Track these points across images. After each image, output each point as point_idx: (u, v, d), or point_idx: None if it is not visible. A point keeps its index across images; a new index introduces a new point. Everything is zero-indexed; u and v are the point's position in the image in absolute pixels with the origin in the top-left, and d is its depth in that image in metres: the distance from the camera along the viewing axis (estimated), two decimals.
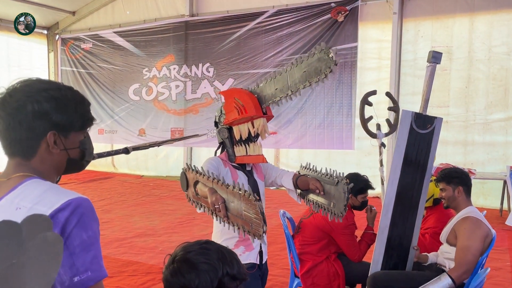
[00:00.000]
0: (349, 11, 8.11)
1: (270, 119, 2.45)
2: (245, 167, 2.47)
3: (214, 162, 2.36)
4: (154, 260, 4.46)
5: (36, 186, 1.06)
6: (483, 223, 2.56)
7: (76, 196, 1.03)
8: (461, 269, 2.43)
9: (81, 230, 1.01)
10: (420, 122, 2.62)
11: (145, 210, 6.77)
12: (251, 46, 9.07)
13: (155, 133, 10.06)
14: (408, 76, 7.84)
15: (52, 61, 11.60)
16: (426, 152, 2.59)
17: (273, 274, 4.14)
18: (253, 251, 2.38)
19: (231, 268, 1.18)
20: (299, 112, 8.72)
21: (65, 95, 1.14)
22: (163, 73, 10.02)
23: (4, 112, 1.08)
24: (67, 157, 1.16)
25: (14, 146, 1.10)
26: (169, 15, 9.93)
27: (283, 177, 2.44)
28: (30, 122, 1.08)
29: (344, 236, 2.93)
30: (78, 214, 1.01)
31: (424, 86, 2.74)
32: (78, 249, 1.00)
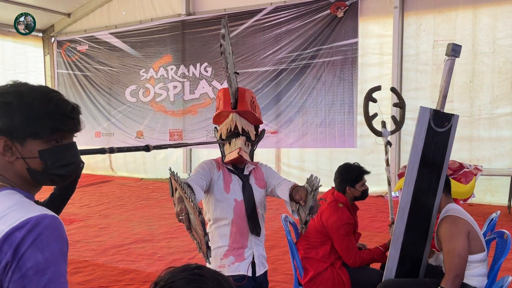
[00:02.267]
0: (348, 7, 7.94)
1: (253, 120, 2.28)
2: (242, 171, 2.31)
3: (206, 165, 2.23)
4: (152, 268, 4.29)
5: (5, 199, 0.98)
6: (460, 218, 2.40)
7: (38, 213, 0.93)
8: (451, 275, 2.28)
9: (36, 251, 0.90)
10: (438, 120, 2.44)
11: (144, 214, 6.60)
12: (250, 44, 8.89)
13: (153, 135, 9.89)
14: (410, 71, 7.67)
15: (48, 64, 11.45)
16: (442, 152, 2.42)
17: (276, 280, 3.98)
18: (243, 261, 2.22)
19: None
20: (299, 111, 8.56)
21: (25, 100, 1.04)
22: (160, 73, 9.85)
23: None
24: (26, 166, 1.05)
25: None
26: (165, 15, 9.77)
27: (281, 187, 2.25)
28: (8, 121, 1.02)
29: (339, 237, 2.75)
30: (35, 233, 0.91)
31: (442, 81, 2.56)
32: (31, 272, 0.90)
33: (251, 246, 2.24)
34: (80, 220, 6.27)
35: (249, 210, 2.22)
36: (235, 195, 2.21)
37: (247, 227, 2.22)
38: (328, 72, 8.25)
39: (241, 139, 2.20)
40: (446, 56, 2.49)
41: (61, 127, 1.09)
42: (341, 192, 2.91)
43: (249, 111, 2.23)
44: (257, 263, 2.27)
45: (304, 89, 8.49)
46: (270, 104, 8.72)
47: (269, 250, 4.87)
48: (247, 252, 2.23)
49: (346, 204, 2.88)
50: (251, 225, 2.23)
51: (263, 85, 8.77)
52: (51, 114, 1.07)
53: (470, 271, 2.33)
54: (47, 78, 11.51)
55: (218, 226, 2.23)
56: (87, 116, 10.59)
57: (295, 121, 8.62)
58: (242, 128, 2.21)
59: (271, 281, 3.98)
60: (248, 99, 2.25)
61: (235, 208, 2.19)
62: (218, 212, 2.21)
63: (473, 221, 2.42)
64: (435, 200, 2.45)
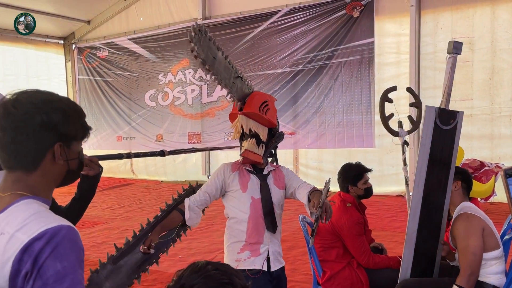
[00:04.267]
0: (364, 6, 7.92)
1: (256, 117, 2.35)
2: (262, 171, 2.41)
3: (218, 170, 2.40)
4: (174, 269, 4.38)
5: (24, 209, 1.02)
6: (475, 216, 2.40)
7: (56, 225, 0.99)
8: (466, 273, 2.29)
9: (55, 261, 0.96)
10: (443, 117, 2.46)
11: None
12: (266, 46, 8.96)
13: (173, 138, 10.05)
14: (428, 70, 7.60)
15: (70, 71, 11.73)
16: (450, 149, 2.43)
17: (296, 280, 4.03)
18: (259, 256, 2.32)
19: None
20: (317, 112, 8.57)
21: (68, 106, 1.12)
22: (178, 77, 10.00)
23: (9, 124, 1.04)
24: (67, 168, 1.14)
25: (18, 158, 1.06)
26: (182, 19, 9.91)
27: (300, 190, 2.34)
28: (38, 133, 1.06)
29: (351, 237, 2.79)
30: (53, 244, 0.97)
31: (445, 79, 2.58)
32: (51, 280, 0.96)
33: (266, 243, 2.33)
34: (103, 223, 6.42)
35: (266, 209, 2.32)
36: (253, 193, 2.32)
37: (263, 224, 2.31)
38: (345, 72, 8.25)
39: (250, 141, 2.30)
40: (448, 54, 2.51)
41: (89, 128, 1.19)
42: (345, 191, 2.96)
43: (256, 113, 2.30)
44: (272, 259, 2.35)
45: (321, 89, 8.50)
46: (287, 105, 8.76)
47: (288, 251, 4.91)
48: (262, 248, 2.32)
49: (354, 204, 2.92)
50: (267, 222, 2.32)
51: (280, 87, 8.81)
52: (84, 117, 1.17)
53: (488, 269, 2.34)
54: (69, 84, 11.81)
55: (235, 222, 2.34)
56: (108, 120, 10.84)
57: (312, 122, 8.63)
58: (250, 129, 2.30)
59: (291, 281, 4.03)
60: (257, 102, 2.33)
61: (252, 206, 2.30)
62: (235, 209, 2.33)
63: (487, 218, 2.43)
64: (445, 197, 2.46)
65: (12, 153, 1.05)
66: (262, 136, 2.34)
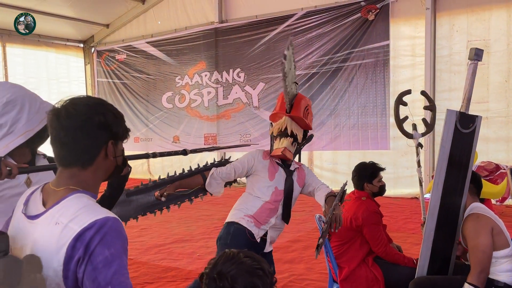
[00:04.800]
0: (379, 9, 7.98)
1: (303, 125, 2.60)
2: (289, 166, 2.63)
3: (251, 154, 2.63)
4: (193, 266, 4.52)
5: (75, 202, 1.13)
6: (483, 216, 2.47)
7: (103, 216, 1.11)
8: (476, 270, 2.36)
9: (104, 248, 1.07)
10: (463, 121, 2.54)
11: (182, 216, 6.87)
12: (281, 49, 9.04)
13: (189, 140, 10.21)
14: (443, 73, 7.62)
15: (89, 73, 12.00)
16: (468, 152, 2.51)
17: (311, 279, 4.11)
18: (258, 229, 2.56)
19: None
20: (332, 114, 8.64)
21: (115, 109, 1.26)
22: (195, 80, 10.17)
23: (71, 124, 1.15)
24: (115, 164, 1.26)
25: (77, 155, 1.17)
26: (199, 23, 10.08)
27: (319, 192, 2.57)
28: (96, 132, 1.18)
29: (369, 226, 2.88)
30: (102, 233, 1.08)
31: (466, 84, 2.66)
32: (101, 265, 1.06)
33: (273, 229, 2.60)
34: (122, 221, 6.59)
35: (286, 200, 2.57)
36: (277, 184, 2.55)
37: (276, 212, 2.56)
38: (360, 75, 8.30)
39: (288, 139, 2.52)
40: (469, 60, 2.59)
41: (128, 129, 1.33)
42: (360, 189, 3.06)
43: (301, 117, 2.54)
44: (268, 242, 2.63)
45: (336, 92, 8.57)
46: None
47: (304, 250, 5.01)
48: (262, 229, 2.57)
49: (368, 197, 3.02)
50: (284, 212, 2.59)
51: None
52: (124, 119, 1.31)
53: (498, 267, 2.41)
54: (88, 86, 12.07)
55: (254, 198, 2.58)
56: (126, 122, 10.94)
57: (327, 124, 8.70)
58: (292, 130, 2.52)
59: (306, 279, 4.13)
60: (303, 106, 2.56)
61: (273, 194, 2.54)
62: (259, 190, 2.58)
63: (496, 218, 2.50)
64: (462, 198, 2.54)
65: (72, 151, 1.17)
66: (299, 138, 2.59)
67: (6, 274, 0.95)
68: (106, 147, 1.20)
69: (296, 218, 5.88)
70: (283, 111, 2.54)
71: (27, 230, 1.14)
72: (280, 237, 5.56)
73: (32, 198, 1.20)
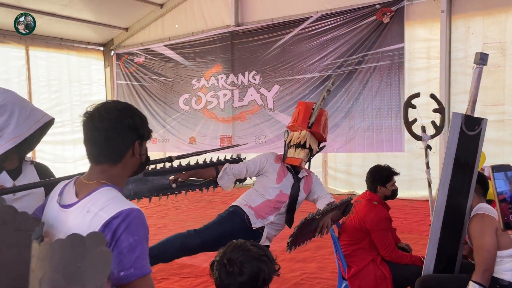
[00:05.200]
0: (395, 12, 8.01)
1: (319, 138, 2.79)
2: (297, 173, 2.77)
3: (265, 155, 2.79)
4: (207, 263, 4.63)
5: (105, 194, 1.28)
6: (488, 216, 2.53)
7: (128, 207, 1.25)
8: (480, 269, 2.43)
9: (128, 235, 1.21)
10: (469, 124, 2.61)
11: (198, 215, 7.02)
12: (296, 52, 9.16)
13: (205, 141, 10.38)
14: (459, 75, 7.61)
15: (109, 76, 12.29)
16: (473, 153, 2.58)
17: (322, 277, 4.21)
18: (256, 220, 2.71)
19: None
20: (346, 116, 8.69)
21: (140, 112, 1.41)
22: (211, 82, 10.35)
23: (104, 125, 1.30)
24: (140, 161, 1.41)
25: (108, 153, 1.32)
26: (215, 26, 10.26)
27: (321, 200, 2.75)
28: (125, 133, 1.33)
29: (378, 231, 2.97)
30: (127, 222, 1.22)
31: (471, 88, 2.73)
32: (126, 250, 1.20)
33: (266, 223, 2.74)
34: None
35: (290, 206, 2.71)
36: (283, 187, 2.69)
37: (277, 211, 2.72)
38: (374, 77, 8.34)
39: (305, 151, 2.70)
40: (475, 64, 2.66)
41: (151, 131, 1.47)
42: (373, 191, 3.14)
43: (319, 133, 2.74)
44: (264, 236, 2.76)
45: (351, 94, 8.62)
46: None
47: (316, 250, 5.10)
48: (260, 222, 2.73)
49: (380, 202, 3.09)
50: (288, 217, 2.74)
51: (310, 91, 8.99)
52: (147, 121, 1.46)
53: (503, 266, 2.47)
54: (108, 88, 12.37)
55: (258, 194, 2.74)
56: None
57: (341, 126, 8.75)
58: (310, 144, 2.70)
59: (317, 277, 4.22)
60: (323, 121, 2.75)
61: (277, 196, 2.70)
62: (264, 189, 2.73)
63: None
64: (467, 199, 2.60)
65: (104, 149, 1.32)
66: (314, 150, 2.78)
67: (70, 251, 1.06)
68: (133, 146, 1.35)
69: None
70: (305, 126, 2.70)
71: (61, 217, 1.28)
72: None
73: (66, 190, 1.35)
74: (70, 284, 1.03)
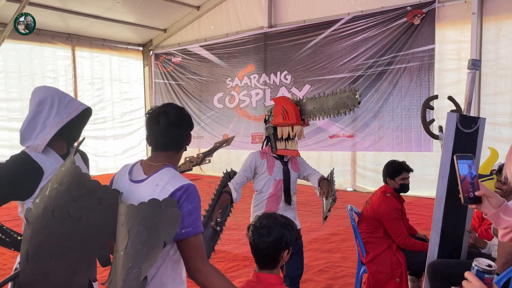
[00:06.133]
0: (425, 14, 8.12)
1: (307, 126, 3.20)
2: (283, 158, 3.20)
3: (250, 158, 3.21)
4: (239, 250, 5.04)
5: (168, 173, 1.67)
6: None
7: (187, 182, 1.64)
8: (501, 261, 2.59)
9: (188, 203, 1.59)
10: (465, 122, 2.86)
11: None
12: (327, 53, 9.40)
13: (237, 138, 10.76)
14: (489, 77, 7.66)
15: (147, 75, 12.91)
16: (471, 149, 2.82)
17: (345, 266, 4.51)
18: None
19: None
20: (376, 116, 8.85)
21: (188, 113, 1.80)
22: (244, 82, 10.75)
23: (170, 123, 1.70)
24: (184, 150, 1.81)
25: (174, 143, 1.73)
26: (249, 28, 10.63)
27: (312, 177, 3.19)
28: (186, 129, 1.75)
29: (389, 221, 3.24)
30: (187, 193, 1.60)
31: (466, 90, 2.99)
32: (186, 214, 1.58)
33: (281, 212, 3.07)
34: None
35: (285, 186, 3.13)
36: (276, 175, 3.13)
37: (280, 198, 3.13)
38: (404, 78, 8.48)
39: (295, 142, 3.13)
40: (468, 70, 2.91)
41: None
42: (385, 183, 3.43)
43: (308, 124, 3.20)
44: None
45: (380, 94, 8.78)
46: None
47: (342, 242, 5.39)
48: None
49: (393, 194, 3.36)
50: (286, 196, 3.14)
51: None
52: None
53: None
54: (146, 87, 13.00)
55: (260, 196, 3.17)
56: None
57: (371, 126, 8.93)
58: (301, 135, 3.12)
59: (341, 266, 4.52)
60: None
61: (274, 185, 3.12)
62: (261, 186, 3.15)
63: None
64: None
65: (170, 140, 1.72)
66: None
67: (151, 211, 1.41)
68: (188, 139, 1.76)
69: (337, 214, 6.26)
70: (299, 122, 3.07)
71: (132, 189, 1.66)
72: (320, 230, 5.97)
73: (135, 169, 1.73)
74: (150, 234, 1.37)
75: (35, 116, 2.03)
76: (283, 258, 1.75)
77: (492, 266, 1.10)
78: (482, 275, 1.09)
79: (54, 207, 1.55)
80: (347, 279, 4.16)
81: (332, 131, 9.26)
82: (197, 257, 1.57)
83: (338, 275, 4.29)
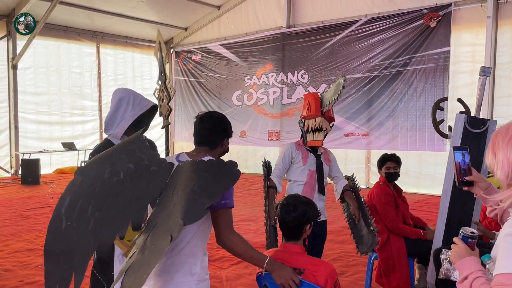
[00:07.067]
0: (441, 17, 8.31)
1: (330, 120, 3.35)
2: (317, 151, 3.41)
3: (287, 149, 3.41)
4: (257, 239, 5.35)
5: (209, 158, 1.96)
6: None
7: None
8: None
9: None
10: (473, 123, 3.12)
11: (248, 201, 7.75)
12: (344, 53, 9.64)
13: (255, 135, 11.11)
14: (503, 79, 7.82)
15: (168, 72, 13.26)
16: (480, 148, 3.08)
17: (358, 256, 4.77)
18: None
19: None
20: (391, 115, 9.07)
21: (228, 119, 2.08)
22: (262, 80, 11.05)
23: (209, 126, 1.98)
24: (223, 150, 2.09)
25: (210, 142, 2.02)
26: (268, 27, 10.92)
27: (338, 183, 3.45)
28: (222, 132, 2.01)
29: (380, 205, 3.56)
30: None
31: (477, 94, 3.24)
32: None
33: (315, 201, 3.21)
34: None
35: (319, 177, 3.35)
36: (310, 166, 3.35)
37: (314, 188, 3.34)
38: (419, 79, 8.68)
39: (322, 133, 3.32)
40: (479, 76, 3.17)
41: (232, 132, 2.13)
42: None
43: (331, 117, 3.35)
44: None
45: (396, 94, 9.00)
46: (362, 108, 9.38)
47: None
48: None
49: (385, 183, 3.67)
50: (319, 186, 3.35)
51: (356, 91, 9.46)
52: None
53: None
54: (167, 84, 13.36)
55: (295, 185, 3.36)
56: None
57: (386, 125, 9.16)
58: (325, 127, 3.31)
59: (353, 256, 4.80)
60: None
61: (308, 175, 3.34)
62: (296, 176, 3.36)
63: None
64: None
65: (207, 138, 2.01)
66: (328, 130, 3.36)
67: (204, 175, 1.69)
68: (223, 141, 2.04)
69: None
70: (319, 114, 3.29)
71: None
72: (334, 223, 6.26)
73: (181, 156, 2.04)
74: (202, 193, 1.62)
75: (116, 110, 2.54)
76: (305, 231, 2.06)
77: (475, 233, 1.39)
78: (467, 240, 1.39)
79: (110, 167, 1.82)
80: (359, 267, 4.44)
81: (348, 130, 9.52)
82: (227, 226, 1.85)
83: (351, 263, 4.58)
